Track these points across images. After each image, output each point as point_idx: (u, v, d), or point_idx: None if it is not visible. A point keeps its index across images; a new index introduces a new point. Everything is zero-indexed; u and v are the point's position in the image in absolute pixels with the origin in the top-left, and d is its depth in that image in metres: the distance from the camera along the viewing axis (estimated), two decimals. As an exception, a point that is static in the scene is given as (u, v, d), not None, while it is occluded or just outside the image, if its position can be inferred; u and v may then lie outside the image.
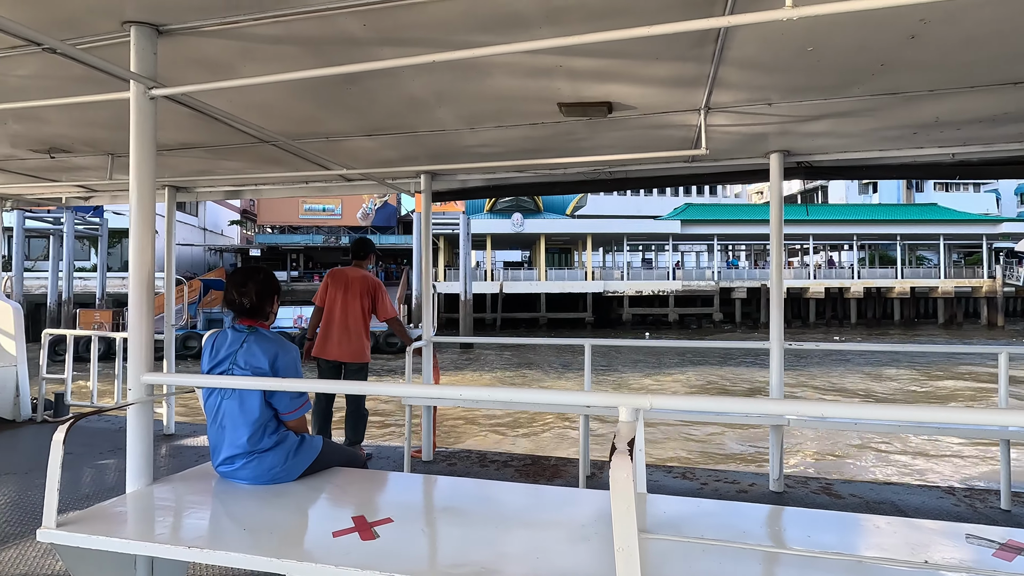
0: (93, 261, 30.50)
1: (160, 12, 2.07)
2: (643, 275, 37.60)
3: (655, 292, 35.57)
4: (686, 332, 33.01)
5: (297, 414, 2.20)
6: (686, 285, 35.65)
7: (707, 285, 35.70)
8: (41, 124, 3.42)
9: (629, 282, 36.02)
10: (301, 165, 4.24)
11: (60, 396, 5.36)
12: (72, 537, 1.78)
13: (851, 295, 35.84)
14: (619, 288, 35.64)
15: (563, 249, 42.69)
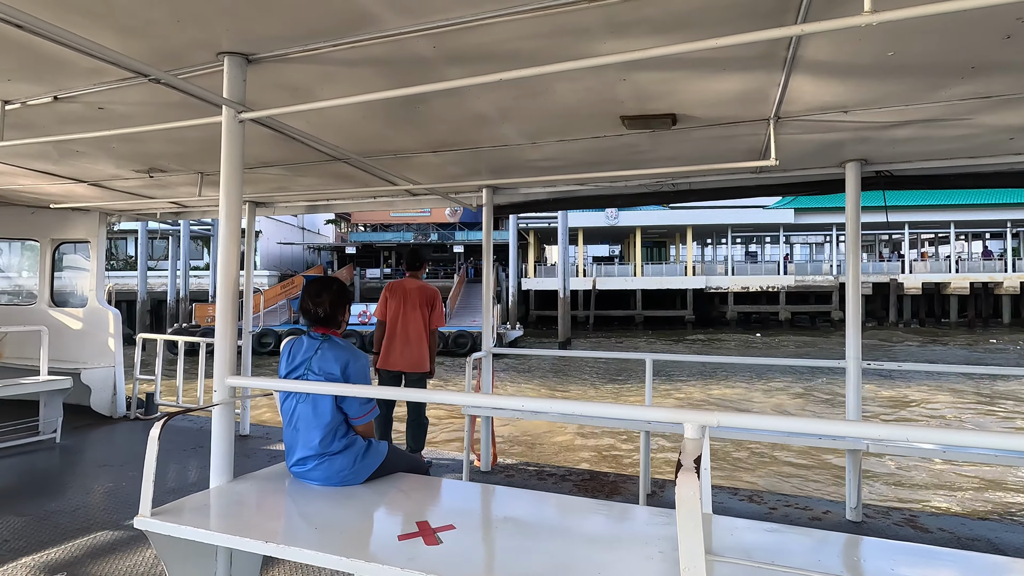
0: (206, 260, 32.97)
1: (251, 43, 2.25)
2: (749, 269, 34.43)
3: (763, 288, 32.35)
4: (799, 331, 29.77)
5: (366, 419, 2.29)
6: (799, 280, 31.97)
7: (824, 280, 31.84)
8: (142, 147, 3.76)
9: (734, 277, 32.95)
10: (370, 181, 4.44)
11: (151, 396, 5.81)
12: (163, 526, 1.93)
13: (1004, 290, 30.48)
14: (723, 284, 32.75)
15: (657, 242, 40.64)
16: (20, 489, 3.66)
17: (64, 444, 4.64)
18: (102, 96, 2.81)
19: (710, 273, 33.65)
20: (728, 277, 33.12)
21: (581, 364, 19.02)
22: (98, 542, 2.89)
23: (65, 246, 6.30)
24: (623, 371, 17.84)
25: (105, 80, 2.63)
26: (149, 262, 29.64)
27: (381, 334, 4.43)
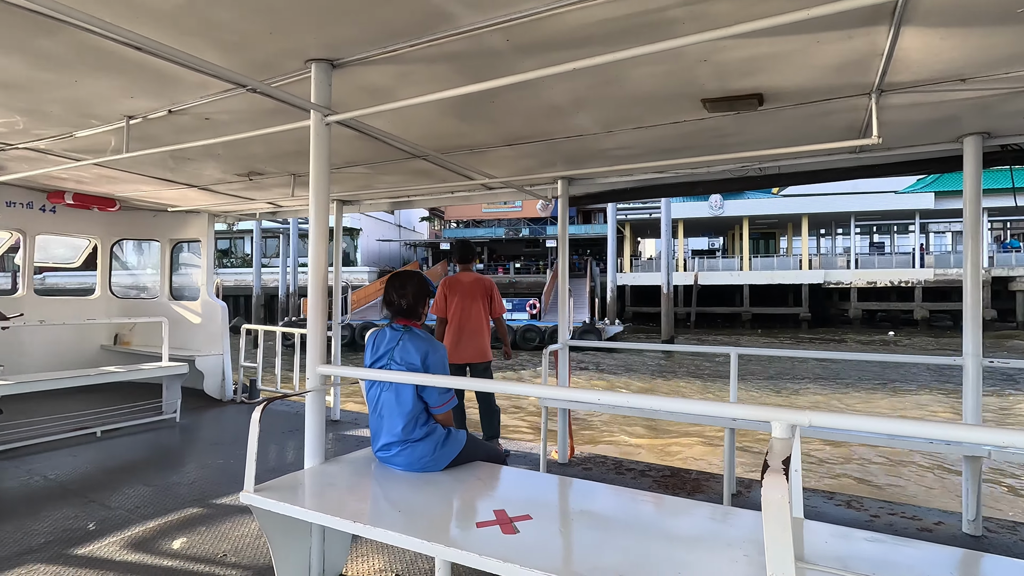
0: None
1: (335, 49, 2.36)
2: (876, 262, 30.35)
3: (894, 283, 28.22)
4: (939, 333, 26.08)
5: (444, 408, 2.36)
6: (940, 274, 27.42)
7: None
8: (242, 152, 4.06)
9: (858, 271, 29.01)
10: (448, 176, 4.54)
11: (253, 382, 6.33)
12: (265, 502, 2.09)
13: None
14: (844, 278, 28.92)
15: (765, 234, 37.36)
16: (148, 462, 4.11)
17: (182, 423, 5.16)
18: (208, 107, 3.07)
19: (829, 266, 29.97)
20: (851, 271, 29.14)
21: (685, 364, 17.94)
22: (211, 512, 3.18)
23: (180, 244, 6.97)
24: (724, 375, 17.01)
25: (210, 92, 2.87)
26: (263, 260, 32.02)
27: (442, 331, 4.49)
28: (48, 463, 3.98)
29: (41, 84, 2.81)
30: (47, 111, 3.25)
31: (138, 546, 2.76)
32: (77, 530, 2.93)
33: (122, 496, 3.41)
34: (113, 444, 4.52)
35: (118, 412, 5.09)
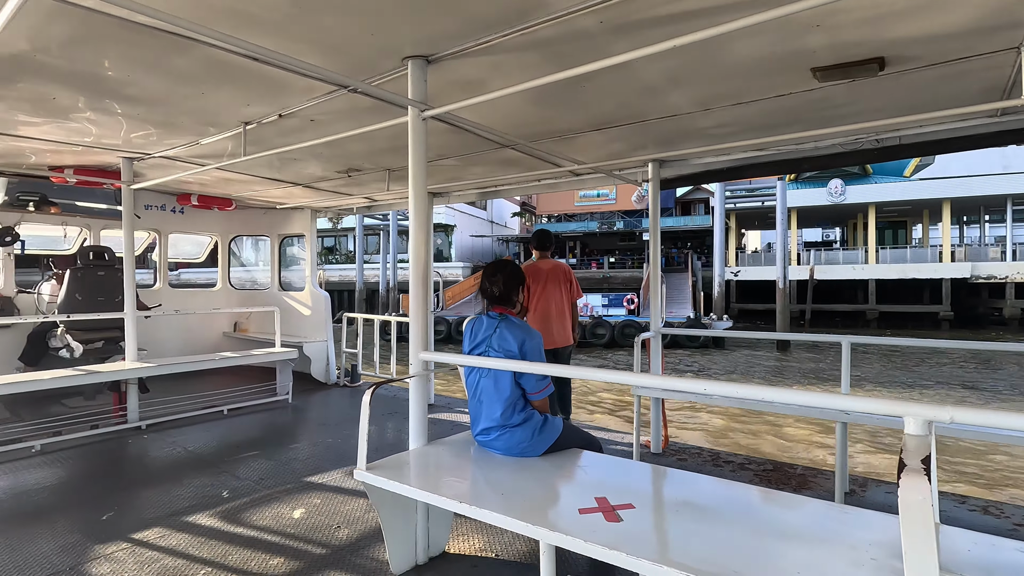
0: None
1: (430, 45, 2.43)
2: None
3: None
4: None
5: (541, 395, 2.39)
6: None
7: None
8: (342, 150, 4.29)
9: (1018, 263, 25.03)
10: (535, 165, 4.55)
11: (354, 367, 6.74)
12: (376, 479, 2.23)
13: None
14: (998, 271, 24.81)
15: (893, 223, 33.23)
16: (267, 439, 4.52)
17: (294, 404, 5.60)
18: (313, 109, 3.27)
19: (977, 258, 26.17)
20: (1007, 263, 25.12)
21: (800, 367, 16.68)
22: (324, 486, 3.45)
23: (287, 239, 7.53)
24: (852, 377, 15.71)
25: (315, 95, 3.05)
26: (364, 256, 33.45)
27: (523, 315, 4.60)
28: (186, 437, 4.49)
29: (175, 98, 3.12)
30: (178, 122, 3.61)
31: (264, 513, 3.05)
32: (214, 496, 3.28)
33: (248, 468, 3.77)
34: (237, 421, 5.00)
35: (240, 393, 5.61)
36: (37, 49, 2.44)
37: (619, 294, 24.73)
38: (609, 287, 28.09)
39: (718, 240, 26.09)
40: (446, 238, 37.23)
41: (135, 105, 3.26)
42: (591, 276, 30.77)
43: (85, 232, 6.53)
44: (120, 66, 2.69)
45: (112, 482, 3.56)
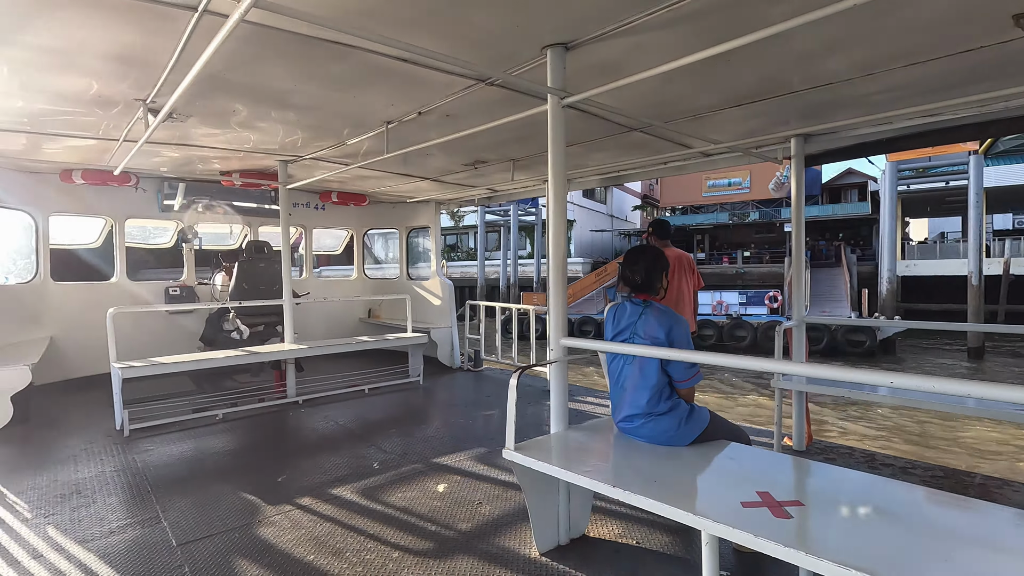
0: (529, 249, 34.33)
1: (570, 31, 2.43)
2: None
3: None
4: None
5: (690, 383, 2.32)
6: None
7: None
8: (470, 143, 4.42)
9: None
10: (662, 147, 4.40)
11: (477, 352, 7.01)
12: (523, 459, 2.31)
13: None
14: None
15: None
16: (404, 417, 4.86)
17: (424, 386, 5.96)
18: (450, 105, 3.41)
19: None
20: None
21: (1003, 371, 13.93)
22: (462, 464, 3.63)
23: (414, 231, 7.98)
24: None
25: (454, 90, 3.18)
26: (485, 252, 33.48)
27: None
28: (337, 412, 4.95)
29: (329, 103, 3.42)
30: (328, 125, 3.94)
31: (410, 485, 3.28)
32: (366, 467, 3.59)
33: (392, 443, 4.07)
34: (377, 400, 5.42)
35: (377, 374, 6.07)
36: (227, 68, 2.78)
37: (758, 291, 22.04)
38: (743, 283, 25.73)
39: (887, 228, 22.46)
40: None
41: (294, 112, 3.62)
42: (722, 272, 28.23)
43: (247, 229, 7.40)
44: (287, 77, 2.99)
45: (281, 449, 4.03)
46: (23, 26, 2.34)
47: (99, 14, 2.24)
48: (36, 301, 5.77)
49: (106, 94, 3.20)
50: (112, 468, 3.55)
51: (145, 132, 3.48)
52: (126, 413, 4.25)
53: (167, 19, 2.27)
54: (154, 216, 6.52)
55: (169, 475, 3.47)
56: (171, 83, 2.91)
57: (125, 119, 3.65)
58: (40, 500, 3.07)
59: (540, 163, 5.08)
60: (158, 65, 2.74)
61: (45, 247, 5.84)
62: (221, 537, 2.67)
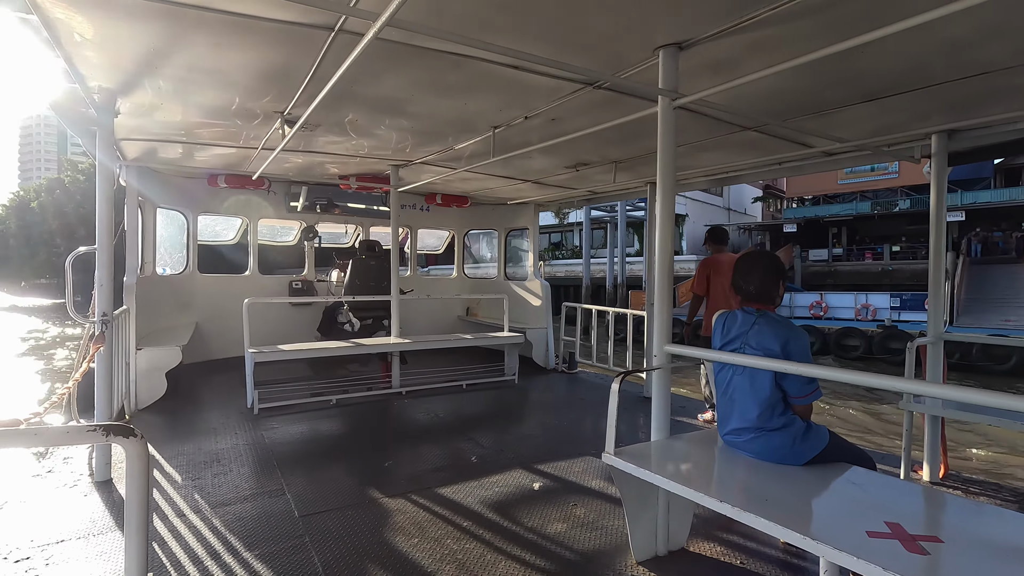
0: (637, 246, 31.92)
1: (685, 31, 2.36)
2: None
3: None
4: None
5: (807, 399, 2.17)
6: None
7: None
8: (572, 145, 4.42)
9: None
10: (778, 147, 4.14)
11: (572, 354, 7.01)
12: (621, 463, 2.28)
13: None
14: None
15: None
16: (500, 414, 4.98)
17: (519, 385, 6.05)
18: (555, 109, 3.45)
19: None
20: None
21: None
22: (557, 465, 3.65)
23: (512, 232, 8.14)
24: None
25: (561, 95, 3.21)
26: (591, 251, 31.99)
27: (697, 307, 4.93)
28: (437, 405, 5.17)
29: (442, 110, 3.59)
30: (439, 131, 4.14)
31: (506, 481, 3.36)
32: (465, 460, 3.73)
33: (489, 438, 4.19)
34: (474, 396, 5.59)
35: (475, 370, 6.27)
36: (353, 81, 3.01)
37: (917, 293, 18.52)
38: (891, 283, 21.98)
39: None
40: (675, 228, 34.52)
41: (407, 119, 3.83)
42: (865, 270, 24.99)
43: (359, 229, 7.93)
44: (405, 87, 3.18)
45: (386, 436, 4.28)
46: (186, 50, 2.69)
47: (249, 37, 2.52)
48: (186, 290, 6.58)
49: (249, 107, 3.58)
50: (244, 442, 3.97)
51: (281, 141, 3.85)
52: (256, 393, 4.73)
53: (307, 39, 2.51)
54: (283, 216, 7.20)
55: (291, 452, 3.82)
56: (306, 97, 3.21)
57: (264, 129, 4.07)
58: (187, 465, 3.51)
59: (643, 164, 4.98)
60: (296, 81, 3.03)
61: (194, 243, 6.64)
62: (336, 513, 2.90)
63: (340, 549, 2.54)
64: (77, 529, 2.67)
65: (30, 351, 18.48)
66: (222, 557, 2.44)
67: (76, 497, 3.02)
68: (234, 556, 2.45)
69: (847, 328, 17.39)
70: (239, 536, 2.63)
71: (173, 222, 6.64)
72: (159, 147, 4.79)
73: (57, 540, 2.56)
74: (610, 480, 2.37)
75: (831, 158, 4.30)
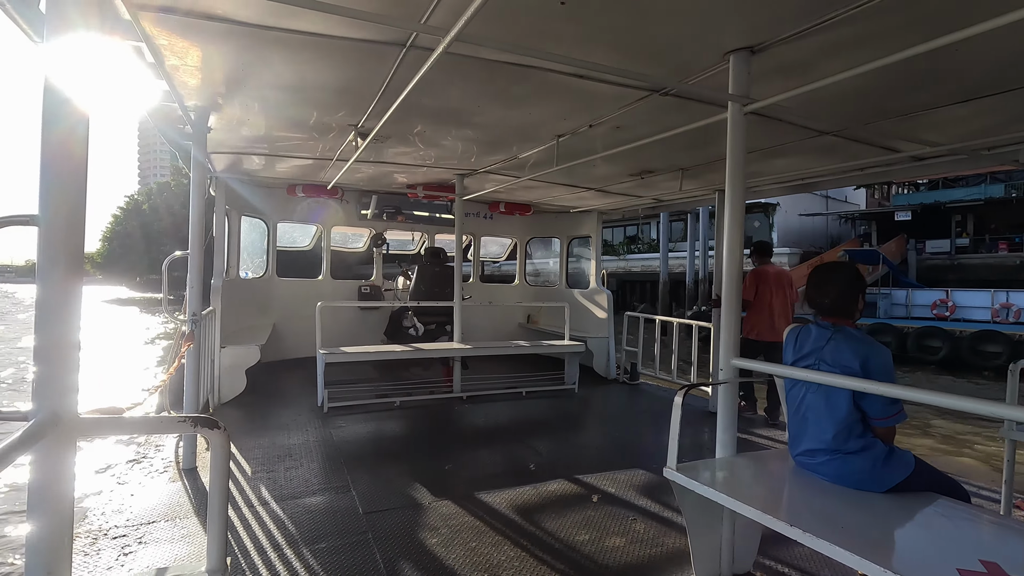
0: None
1: (757, 35, 2.29)
2: None
3: None
4: None
5: (889, 421, 2.03)
6: None
7: None
8: (637, 153, 4.36)
9: None
10: (859, 151, 3.91)
11: (634, 365, 6.87)
12: (684, 479, 2.21)
13: None
14: None
15: None
16: (560, 423, 4.95)
17: (580, 395, 6.00)
18: (620, 117, 3.42)
19: None
20: None
21: None
22: (616, 478, 3.59)
23: (574, 240, 8.11)
24: None
25: (625, 102, 3.18)
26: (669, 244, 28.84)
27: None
28: (496, 410, 5.22)
29: (507, 120, 3.64)
30: (503, 140, 4.20)
31: (564, 490, 3.34)
32: (523, 466, 3.74)
33: (547, 446, 4.18)
34: (533, 403, 5.59)
35: (534, 378, 6.27)
36: (422, 94, 3.12)
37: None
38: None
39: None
40: (765, 220, 28.31)
41: (474, 129, 3.92)
42: (998, 263, 20.87)
43: (425, 236, 8.16)
44: (471, 98, 3.26)
45: (446, 439, 4.36)
46: (270, 69, 2.88)
47: (328, 56, 2.67)
48: (266, 293, 7.00)
49: (325, 121, 3.78)
50: (314, 439, 4.17)
51: (354, 153, 4.04)
52: (326, 392, 4.95)
53: (379, 56, 2.63)
54: (354, 224, 7.52)
55: (357, 450, 3.97)
56: (377, 110, 3.35)
57: (339, 141, 4.28)
58: (262, 458, 3.72)
59: (711, 171, 4.83)
60: (368, 95, 3.17)
61: (273, 249, 7.06)
62: (398, 512, 2.98)
63: (401, 547, 2.61)
64: (165, 512, 2.90)
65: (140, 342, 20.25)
66: (292, 547, 2.57)
67: (165, 482, 3.28)
68: (303, 547, 2.58)
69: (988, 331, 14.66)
70: (307, 528, 2.76)
71: (255, 229, 7.09)
72: (244, 159, 5.14)
73: (148, 521, 2.79)
74: (672, 496, 2.30)
75: (921, 163, 4.01)
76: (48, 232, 1.15)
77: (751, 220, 26.80)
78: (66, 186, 1.17)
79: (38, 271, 1.16)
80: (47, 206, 1.15)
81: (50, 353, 1.16)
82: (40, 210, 1.15)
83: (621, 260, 31.38)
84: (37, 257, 1.16)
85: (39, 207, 1.15)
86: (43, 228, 1.14)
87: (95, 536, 2.63)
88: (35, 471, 1.15)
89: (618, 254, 32.26)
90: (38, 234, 1.14)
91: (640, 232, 34.81)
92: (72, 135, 1.17)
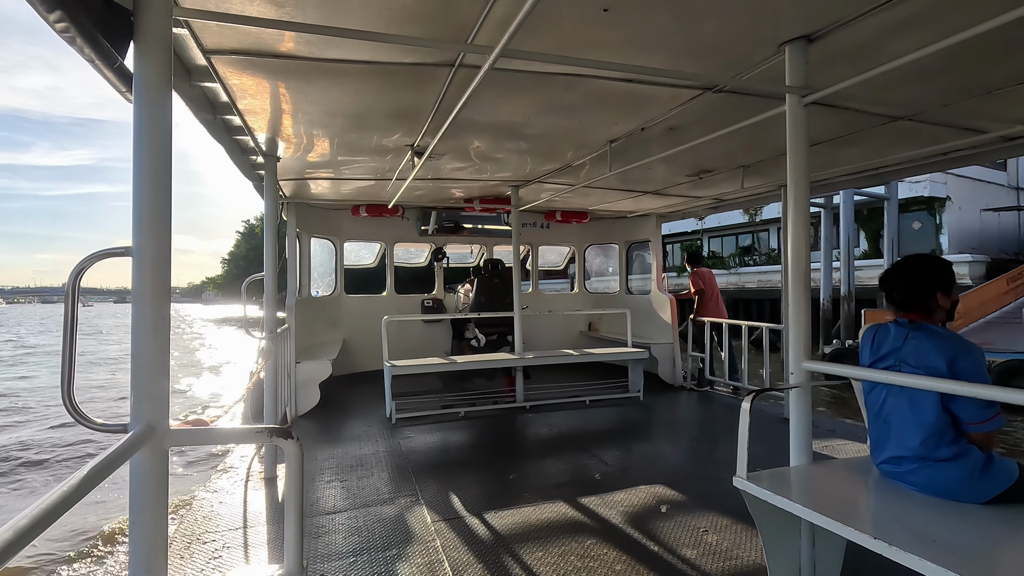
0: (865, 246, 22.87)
1: (814, 21, 2.19)
2: None
3: None
4: None
5: (985, 426, 1.86)
6: None
7: None
8: (694, 153, 4.25)
9: None
10: (939, 135, 3.63)
11: (701, 371, 6.65)
12: (755, 489, 2.12)
13: None
14: None
15: None
16: (625, 431, 4.86)
17: (644, 402, 5.87)
18: (673, 118, 3.36)
19: None
20: None
21: None
22: (686, 488, 3.47)
23: (634, 245, 7.98)
24: None
25: (678, 103, 3.11)
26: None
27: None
28: (559, 419, 5.20)
29: (558, 130, 3.66)
30: (556, 149, 4.21)
31: (631, 501, 3.27)
32: (587, 477, 3.69)
33: (612, 456, 4.11)
34: (597, 412, 5.52)
35: (598, 386, 6.20)
36: (475, 111, 3.20)
37: None
38: None
39: None
40: (930, 220, 22.00)
41: (526, 141, 3.96)
42: None
43: (483, 248, 8.29)
44: (522, 111, 3.30)
45: (510, 449, 4.39)
46: (331, 99, 3.05)
47: (384, 82, 2.80)
48: (335, 310, 7.34)
49: (384, 143, 3.94)
50: (384, 449, 4.31)
51: (412, 171, 4.18)
52: (394, 404, 5.11)
53: (431, 77, 2.72)
54: (415, 240, 7.76)
55: (424, 460, 4.06)
56: (432, 129, 3.47)
57: (397, 161, 4.45)
58: (337, 468, 3.88)
59: (775, 166, 4.63)
60: (422, 115, 3.29)
61: (341, 267, 7.40)
62: (465, 521, 3.03)
63: (468, 556, 2.65)
64: (249, 518, 3.08)
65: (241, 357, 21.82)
66: (364, 553, 2.67)
67: (249, 491, 3.49)
68: (375, 553, 2.67)
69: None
70: (379, 535, 2.85)
71: (324, 249, 7.46)
72: (311, 184, 5.44)
73: (234, 527, 2.98)
74: (746, 507, 2.21)
75: (1012, 143, 3.67)
76: (140, 262, 1.27)
77: (908, 220, 21.51)
78: (155, 222, 1.29)
79: (132, 297, 1.28)
80: (139, 240, 1.27)
81: (144, 371, 1.28)
82: (133, 243, 1.27)
83: (732, 274, 25.68)
84: (132, 284, 1.29)
85: (132, 240, 1.28)
86: (136, 259, 1.27)
87: (189, 540, 2.84)
88: (133, 479, 1.27)
89: (728, 267, 26.44)
90: (132, 264, 1.27)
91: (756, 240, 28.58)
92: (158, 177, 1.29)
